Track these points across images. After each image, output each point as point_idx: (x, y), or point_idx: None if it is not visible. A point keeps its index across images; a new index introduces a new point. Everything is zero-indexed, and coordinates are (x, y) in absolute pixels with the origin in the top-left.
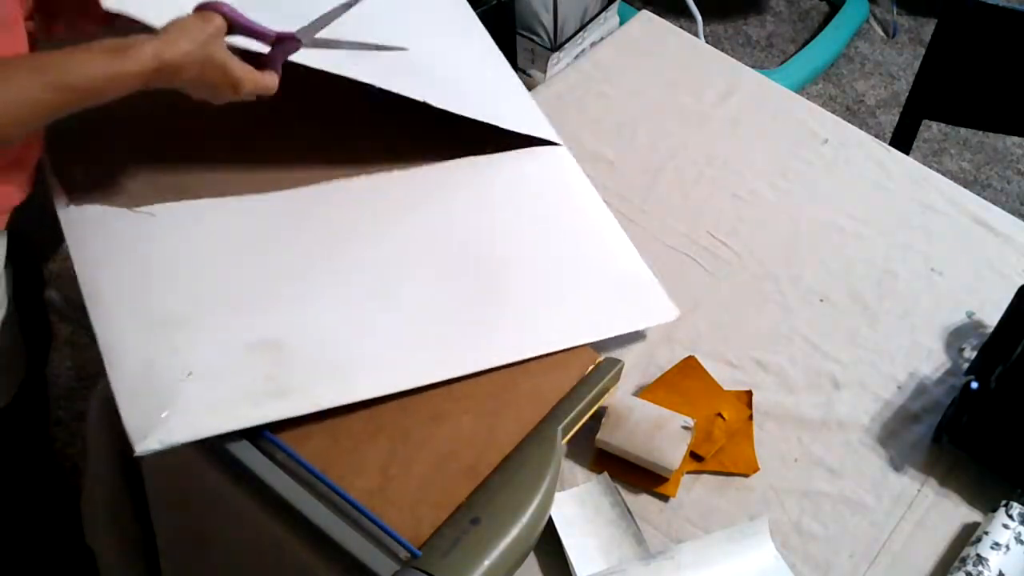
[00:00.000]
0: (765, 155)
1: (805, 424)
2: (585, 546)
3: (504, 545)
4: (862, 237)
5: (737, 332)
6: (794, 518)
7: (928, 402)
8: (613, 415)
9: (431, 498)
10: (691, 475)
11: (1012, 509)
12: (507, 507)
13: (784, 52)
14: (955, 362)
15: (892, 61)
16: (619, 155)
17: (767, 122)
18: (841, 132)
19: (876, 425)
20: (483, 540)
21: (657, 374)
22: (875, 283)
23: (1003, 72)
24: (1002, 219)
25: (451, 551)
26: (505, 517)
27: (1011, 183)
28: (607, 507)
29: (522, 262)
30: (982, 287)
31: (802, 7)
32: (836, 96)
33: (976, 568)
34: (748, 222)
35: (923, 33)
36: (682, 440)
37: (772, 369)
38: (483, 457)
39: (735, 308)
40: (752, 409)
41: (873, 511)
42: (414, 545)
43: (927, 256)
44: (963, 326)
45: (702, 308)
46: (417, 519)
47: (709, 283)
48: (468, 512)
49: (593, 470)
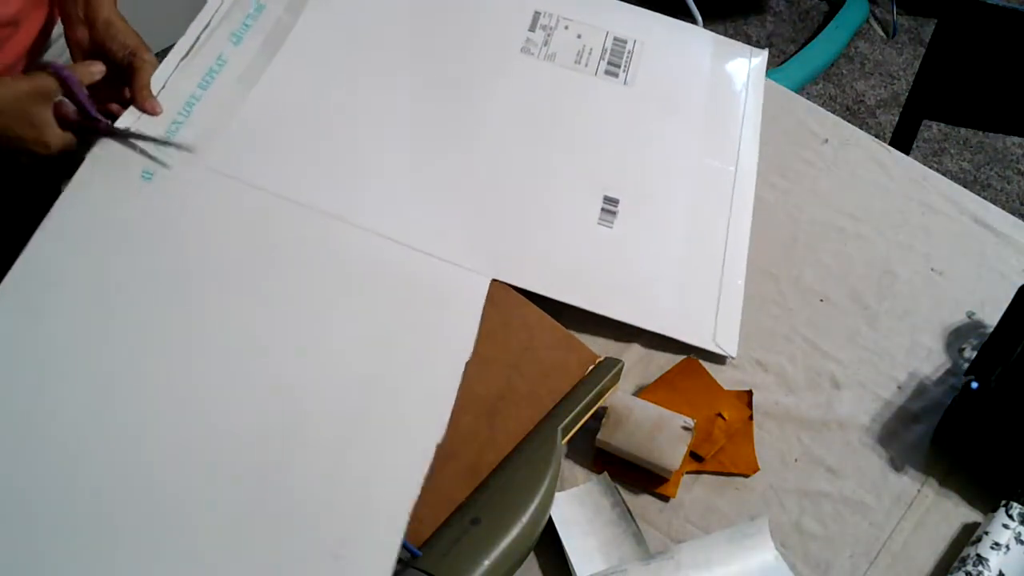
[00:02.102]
0: (765, 155)
1: (805, 424)
2: (585, 546)
3: (504, 545)
4: (862, 237)
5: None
6: (794, 518)
7: (928, 402)
8: (613, 415)
9: (431, 498)
10: (691, 475)
11: (1012, 509)
12: (507, 507)
13: (784, 52)
14: (955, 362)
15: (892, 61)
16: None
17: (767, 122)
18: (841, 132)
19: (876, 425)
20: (483, 540)
21: (657, 374)
22: (875, 283)
23: (1003, 72)
24: (1002, 219)
25: (451, 551)
26: (505, 517)
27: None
28: (607, 507)
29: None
30: (982, 287)
31: (802, 7)
32: (836, 96)
33: (976, 568)
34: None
35: (923, 33)
36: (682, 440)
37: (772, 369)
38: (483, 457)
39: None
40: (752, 409)
41: (873, 511)
42: (414, 545)
43: (927, 256)
44: (963, 326)
45: None
46: (417, 519)
47: None
48: (468, 512)
49: (593, 470)
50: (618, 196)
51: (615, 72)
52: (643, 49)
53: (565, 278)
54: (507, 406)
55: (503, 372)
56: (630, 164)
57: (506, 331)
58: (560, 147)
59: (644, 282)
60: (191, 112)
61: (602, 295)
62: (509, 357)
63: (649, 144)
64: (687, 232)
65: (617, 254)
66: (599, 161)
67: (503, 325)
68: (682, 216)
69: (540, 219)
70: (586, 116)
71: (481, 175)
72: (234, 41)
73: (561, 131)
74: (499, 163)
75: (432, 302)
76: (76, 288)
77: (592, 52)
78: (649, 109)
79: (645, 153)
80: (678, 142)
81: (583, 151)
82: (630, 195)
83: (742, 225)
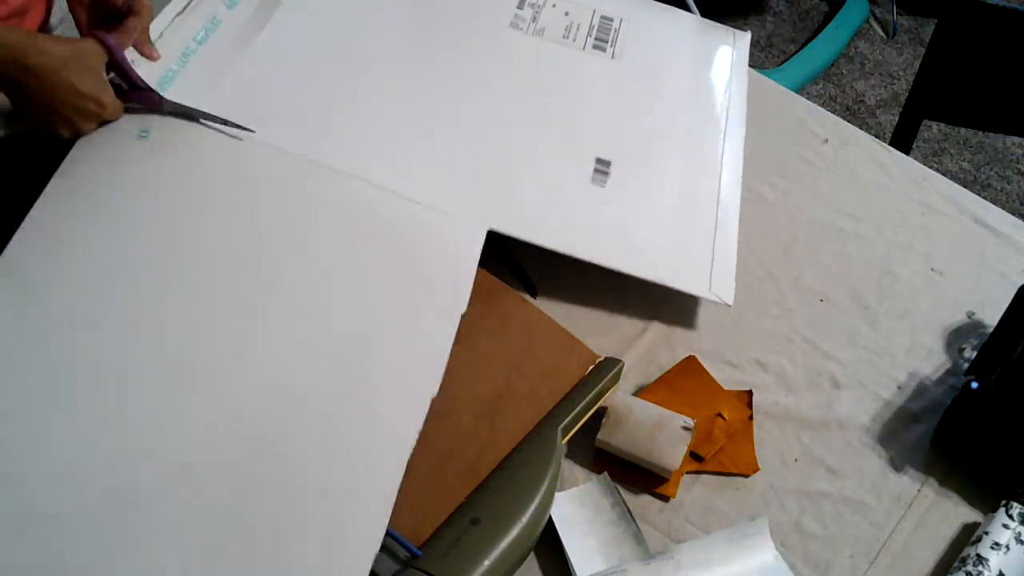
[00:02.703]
0: (765, 155)
1: (805, 424)
2: (585, 546)
3: (504, 545)
4: (862, 237)
5: (737, 332)
6: (794, 518)
7: (928, 402)
8: (613, 415)
9: (431, 498)
10: (691, 475)
11: (1012, 509)
12: (507, 507)
13: (784, 52)
14: (955, 362)
15: (892, 61)
16: None
17: (767, 122)
18: (841, 132)
19: (876, 425)
20: (483, 540)
21: (657, 374)
22: (875, 283)
23: (1003, 72)
24: (1002, 219)
25: (451, 551)
26: (505, 517)
27: (1011, 183)
28: (607, 507)
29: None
30: (982, 287)
31: (802, 7)
32: (836, 96)
33: (976, 568)
34: (748, 222)
35: (923, 33)
36: (682, 440)
37: (772, 369)
38: (483, 457)
39: (735, 308)
40: (752, 409)
41: (873, 511)
42: (414, 545)
43: (927, 256)
44: (963, 326)
45: (702, 308)
46: (417, 519)
47: None
48: (468, 512)
49: (593, 470)
50: (610, 159)
51: (603, 47)
52: (629, 27)
53: (561, 229)
54: (507, 406)
55: (503, 372)
56: (620, 129)
57: (506, 331)
58: (550, 113)
59: (639, 235)
60: (187, 63)
61: (598, 246)
62: (509, 357)
63: (638, 112)
64: (679, 189)
65: (611, 209)
66: (590, 127)
67: (503, 325)
68: (673, 175)
69: (534, 177)
70: (575, 86)
71: (475, 134)
72: (228, 5)
73: (551, 99)
74: (491, 124)
75: (428, 252)
76: (76, 255)
77: (580, 28)
78: (637, 81)
79: (634, 120)
80: (666, 111)
81: (573, 118)
82: (621, 158)
83: (733, 182)
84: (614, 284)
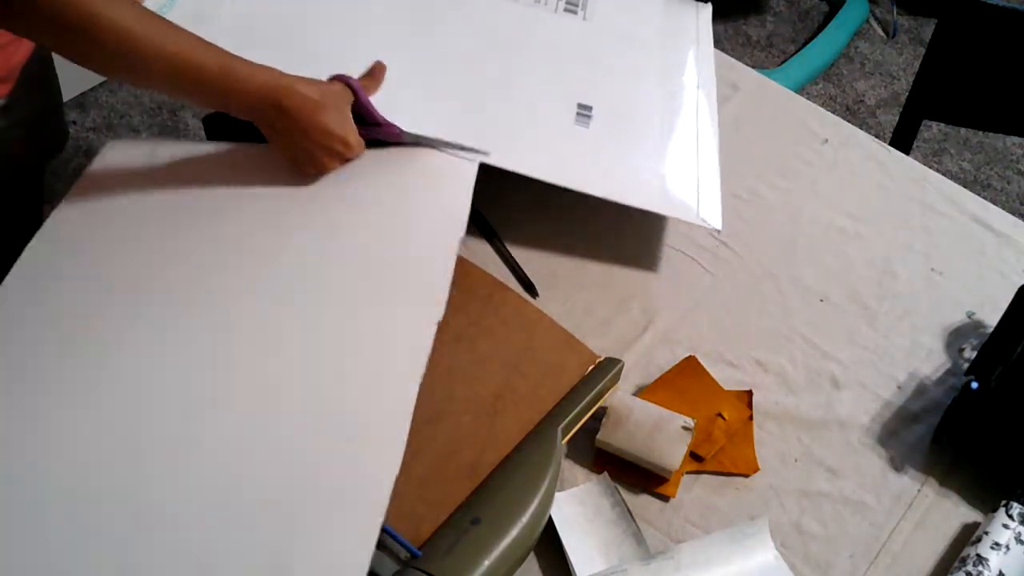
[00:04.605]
0: (765, 155)
1: (805, 424)
2: (585, 546)
3: (504, 545)
4: (862, 237)
5: (737, 332)
6: (794, 518)
7: (928, 402)
8: (613, 415)
9: (431, 498)
10: (691, 475)
11: (1012, 509)
12: (507, 507)
13: (784, 52)
14: (955, 362)
15: (892, 61)
16: None
17: (767, 122)
18: (841, 132)
19: (876, 425)
20: (483, 540)
21: (657, 374)
22: (875, 283)
23: (1003, 72)
24: (1002, 219)
25: (451, 551)
26: (505, 517)
27: (1011, 183)
28: (607, 507)
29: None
30: (982, 287)
31: (802, 7)
32: (836, 96)
33: (976, 568)
34: (748, 222)
35: (923, 33)
36: (682, 440)
37: (772, 369)
38: (483, 457)
39: (735, 308)
40: (752, 409)
41: (873, 511)
42: (414, 545)
43: (927, 256)
44: (963, 326)
45: (702, 308)
46: (417, 519)
47: (709, 283)
48: (468, 512)
49: (593, 470)
50: (591, 104)
51: (574, 10)
52: None
53: (549, 162)
54: (507, 406)
55: (503, 372)
56: (597, 80)
57: (506, 331)
58: (528, 68)
59: (625, 166)
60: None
61: (587, 176)
62: (509, 357)
63: (612, 68)
64: (659, 125)
65: (597, 145)
66: (569, 77)
67: (503, 325)
68: (652, 115)
69: (519, 117)
70: (551, 45)
71: (461, 82)
72: None
73: (528, 54)
74: (476, 72)
75: (423, 181)
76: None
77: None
78: (609, 40)
79: (610, 74)
80: (639, 65)
81: (550, 72)
82: (601, 103)
83: (709, 119)
84: (614, 284)
